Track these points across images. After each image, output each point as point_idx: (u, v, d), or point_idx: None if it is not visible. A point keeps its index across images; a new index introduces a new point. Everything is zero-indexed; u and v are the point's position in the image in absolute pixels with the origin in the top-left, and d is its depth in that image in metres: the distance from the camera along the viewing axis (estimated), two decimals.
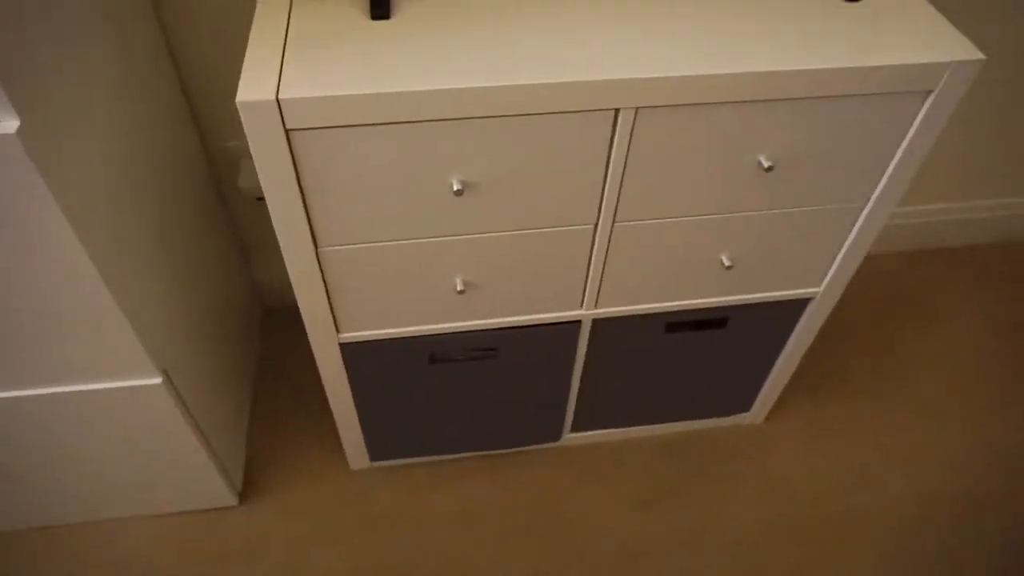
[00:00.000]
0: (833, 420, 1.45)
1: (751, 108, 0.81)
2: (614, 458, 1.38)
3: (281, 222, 0.83)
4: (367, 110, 0.74)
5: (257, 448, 1.37)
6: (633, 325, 1.11)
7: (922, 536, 1.29)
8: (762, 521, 1.30)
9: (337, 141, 0.77)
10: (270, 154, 0.76)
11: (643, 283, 1.03)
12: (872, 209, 0.97)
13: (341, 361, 1.06)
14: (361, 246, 0.89)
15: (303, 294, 0.93)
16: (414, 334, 1.04)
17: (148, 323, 0.94)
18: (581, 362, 1.17)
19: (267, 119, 0.73)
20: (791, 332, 1.20)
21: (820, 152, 0.88)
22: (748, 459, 1.39)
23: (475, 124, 0.78)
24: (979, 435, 1.44)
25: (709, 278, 1.04)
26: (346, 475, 1.34)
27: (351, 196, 0.83)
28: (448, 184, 0.83)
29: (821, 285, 1.09)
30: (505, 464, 1.37)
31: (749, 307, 1.11)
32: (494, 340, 1.08)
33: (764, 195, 0.92)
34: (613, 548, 1.26)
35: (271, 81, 0.73)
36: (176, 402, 1.01)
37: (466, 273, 0.96)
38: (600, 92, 0.76)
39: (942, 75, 0.80)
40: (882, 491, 1.35)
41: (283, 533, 1.26)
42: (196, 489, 1.21)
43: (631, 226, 0.94)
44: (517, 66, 0.76)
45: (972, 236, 1.78)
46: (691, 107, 0.80)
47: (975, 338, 1.61)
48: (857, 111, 0.83)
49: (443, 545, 1.25)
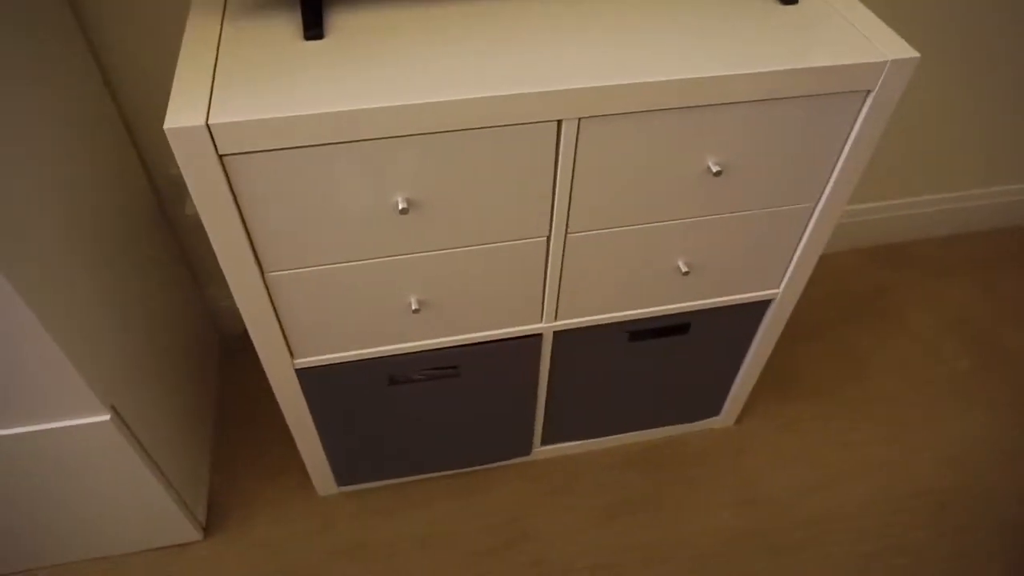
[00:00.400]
0: (802, 421, 1.46)
1: (694, 114, 0.81)
2: (583, 470, 1.37)
3: (222, 249, 0.81)
4: (302, 132, 0.72)
5: (221, 479, 1.34)
6: (596, 336, 1.10)
7: (886, 537, 1.29)
8: (733, 528, 1.30)
9: (273, 164, 0.75)
10: (204, 180, 0.74)
11: (602, 293, 1.02)
12: (823, 208, 0.97)
13: (298, 387, 1.04)
14: (308, 270, 0.87)
15: (252, 321, 0.91)
16: (372, 356, 1.02)
17: (92, 359, 0.91)
18: (546, 375, 1.15)
19: (198, 145, 0.71)
20: (754, 334, 1.19)
21: (767, 154, 0.88)
22: (719, 464, 1.38)
23: (415, 141, 0.76)
24: (942, 433, 1.45)
25: (668, 285, 1.04)
26: (314, 502, 1.31)
27: (293, 219, 0.81)
28: (392, 203, 0.82)
29: (780, 286, 1.09)
30: (475, 482, 1.34)
31: (711, 311, 1.11)
32: (454, 358, 1.06)
33: (715, 199, 0.92)
34: (583, 563, 1.24)
35: (201, 106, 0.71)
36: (127, 438, 0.98)
37: (420, 292, 0.94)
38: (541, 104, 0.75)
39: (879, 74, 0.80)
40: (850, 492, 1.35)
41: (249, 567, 1.22)
42: (157, 525, 1.17)
43: (585, 237, 0.93)
44: (454, 81, 0.75)
45: (920, 231, 1.81)
46: (634, 115, 0.79)
47: (929, 334, 1.62)
48: (800, 112, 0.83)
49: (412, 571, 1.23)
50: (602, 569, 1.24)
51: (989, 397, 1.50)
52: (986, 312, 1.67)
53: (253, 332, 0.92)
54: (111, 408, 0.94)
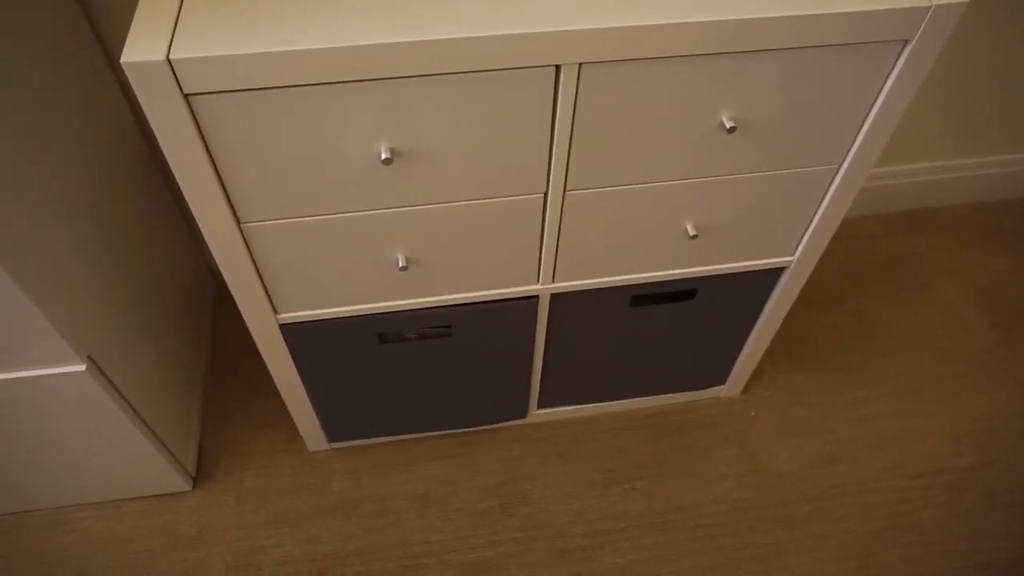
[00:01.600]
0: (811, 392, 1.40)
1: (708, 62, 0.73)
2: (583, 435, 1.33)
3: (194, 197, 0.76)
4: (274, 71, 0.66)
5: (212, 431, 1.32)
6: (595, 299, 1.04)
7: (896, 515, 1.24)
8: (735, 499, 1.26)
9: (245, 106, 0.69)
10: (169, 123, 0.68)
11: (602, 255, 0.96)
12: (847, 171, 0.89)
13: (283, 343, 1.00)
14: (286, 221, 0.82)
15: (231, 274, 0.86)
16: (359, 313, 0.97)
17: (66, 309, 0.87)
18: (542, 338, 1.10)
19: (160, 82, 0.65)
20: (765, 303, 1.13)
21: (788, 110, 0.80)
22: (723, 434, 1.34)
23: (400, 84, 0.70)
24: (957, 407, 1.38)
25: (674, 248, 0.97)
26: (305, 457, 1.29)
27: (269, 167, 0.75)
28: (375, 152, 0.76)
29: (795, 254, 1.02)
30: (470, 443, 1.31)
31: (719, 278, 1.04)
32: (447, 318, 1.01)
33: (729, 158, 0.85)
34: (580, 529, 1.22)
35: (163, 39, 0.65)
36: (106, 389, 0.95)
37: (407, 248, 0.89)
38: (536, 47, 0.68)
39: (920, 22, 0.72)
40: (858, 466, 1.30)
41: (238, 518, 1.21)
42: (145, 475, 1.16)
43: (584, 194, 0.86)
44: (444, 21, 0.68)
45: (952, 197, 1.70)
46: (640, 62, 0.72)
47: (955, 305, 1.54)
48: (827, 64, 0.75)
49: (404, 530, 1.21)
50: (598, 536, 1.21)
51: (1015, 373, 1.43)
52: (1018, 283, 1.58)
53: (232, 286, 0.88)
54: (88, 358, 0.91)
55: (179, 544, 1.18)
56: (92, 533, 1.19)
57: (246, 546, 1.18)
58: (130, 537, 1.19)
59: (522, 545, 1.20)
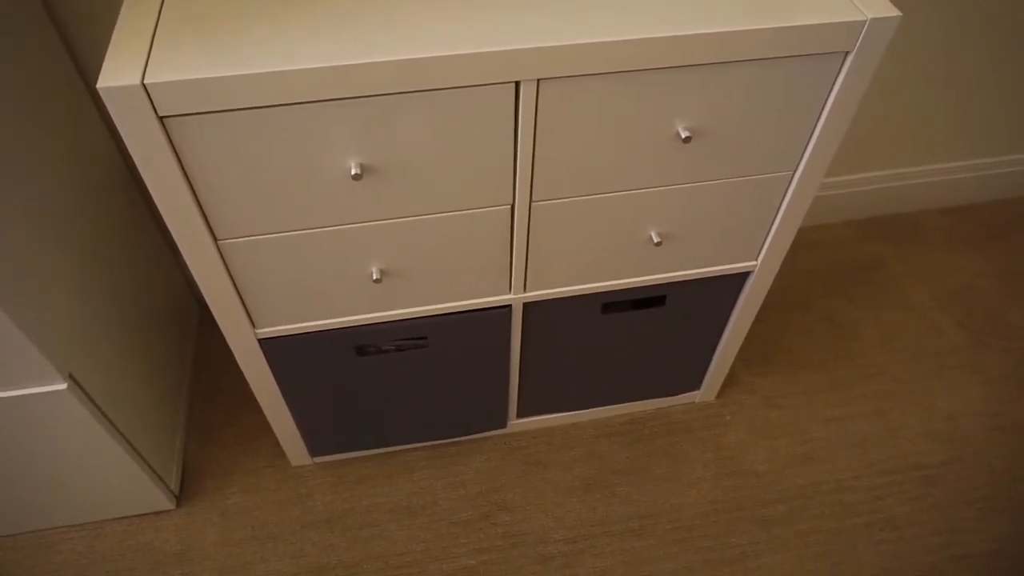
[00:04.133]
0: (786, 395, 1.43)
1: (658, 76, 0.77)
2: (562, 443, 1.35)
3: (171, 216, 0.78)
4: (245, 93, 0.69)
5: (196, 449, 1.33)
6: (567, 307, 1.07)
7: (872, 512, 1.27)
8: (714, 501, 1.28)
9: (218, 127, 0.72)
10: (145, 145, 0.71)
11: (572, 263, 0.99)
12: (801, 177, 0.93)
13: (262, 357, 1.02)
14: (262, 237, 0.84)
15: (208, 290, 0.89)
16: (336, 326, 1.00)
17: (47, 328, 0.89)
18: (518, 347, 1.13)
19: (135, 106, 0.68)
20: (733, 307, 1.16)
21: (740, 120, 0.84)
22: (700, 438, 1.36)
23: (367, 104, 0.73)
24: (928, 405, 1.42)
25: (641, 256, 1.00)
26: (288, 473, 1.30)
27: (243, 185, 0.78)
28: (345, 169, 0.79)
29: (758, 259, 1.06)
30: (451, 454, 1.33)
31: (686, 284, 1.08)
32: (423, 329, 1.04)
33: (686, 167, 0.88)
34: (561, 535, 1.23)
35: (138, 63, 0.68)
36: (87, 407, 0.97)
37: (380, 261, 0.91)
38: (496, 64, 0.72)
39: (857, 34, 0.76)
40: (833, 465, 1.33)
41: (222, 535, 1.22)
42: (128, 494, 1.17)
43: (550, 205, 0.89)
44: (408, 42, 0.71)
45: (919, 202, 1.76)
46: (595, 77, 0.75)
47: (924, 307, 1.58)
48: (774, 75, 0.79)
49: (387, 542, 1.22)
50: (578, 541, 1.23)
51: (984, 371, 1.47)
52: (988, 285, 1.63)
53: (211, 301, 0.90)
54: (69, 377, 0.93)
55: (164, 562, 1.19)
56: (76, 554, 1.19)
57: (231, 563, 1.19)
58: (113, 557, 1.19)
59: (504, 553, 1.22)
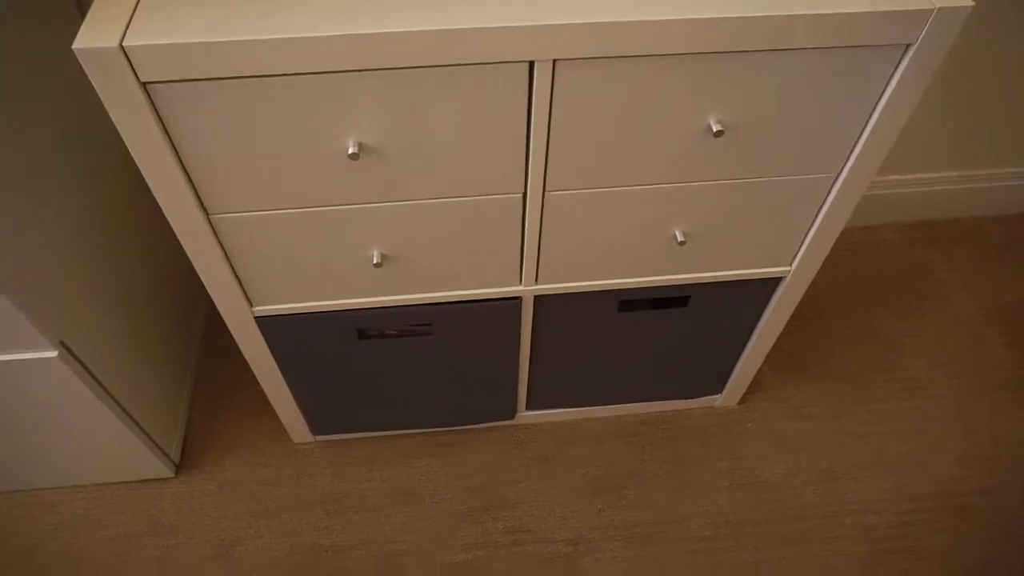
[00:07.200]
0: (814, 405, 1.35)
1: (691, 63, 0.69)
2: (571, 439, 1.30)
3: (158, 188, 0.74)
4: (233, 60, 0.63)
5: (200, 421, 1.31)
6: (581, 303, 1.01)
7: (897, 538, 1.19)
8: (726, 514, 1.22)
9: (205, 96, 0.67)
10: (126, 113, 0.66)
11: (587, 258, 0.92)
12: (846, 180, 0.84)
13: (260, 336, 0.98)
14: (256, 214, 0.80)
15: (202, 266, 0.85)
16: (336, 308, 0.95)
17: (37, 296, 0.86)
18: (527, 340, 1.07)
19: (114, 71, 0.63)
20: (762, 312, 1.08)
21: (780, 115, 0.75)
22: (717, 445, 1.29)
23: (368, 77, 0.67)
24: (969, 427, 1.32)
25: (663, 254, 0.93)
26: (289, 449, 1.28)
27: (234, 159, 0.73)
28: (342, 147, 0.73)
29: (792, 264, 0.98)
30: (455, 442, 1.29)
31: (712, 286, 1.00)
32: (427, 316, 0.99)
33: (717, 164, 0.81)
34: (563, 535, 1.19)
35: (118, 26, 0.63)
36: (79, 375, 0.94)
37: (381, 245, 0.86)
38: (507, 41, 0.65)
39: (922, 25, 0.67)
40: (859, 484, 1.25)
41: (219, 508, 1.21)
42: (127, 460, 1.15)
43: (565, 196, 0.83)
44: (414, 12, 0.65)
45: (973, 208, 1.63)
46: (617, 61, 0.68)
47: (972, 320, 1.47)
48: (821, 67, 0.71)
49: (384, 527, 1.19)
50: (581, 544, 1.18)
51: None
52: None
53: (204, 278, 0.86)
54: (60, 344, 0.90)
55: (158, 531, 1.18)
56: (74, 517, 1.19)
57: (225, 536, 1.18)
58: (111, 522, 1.19)
59: (503, 549, 1.17)
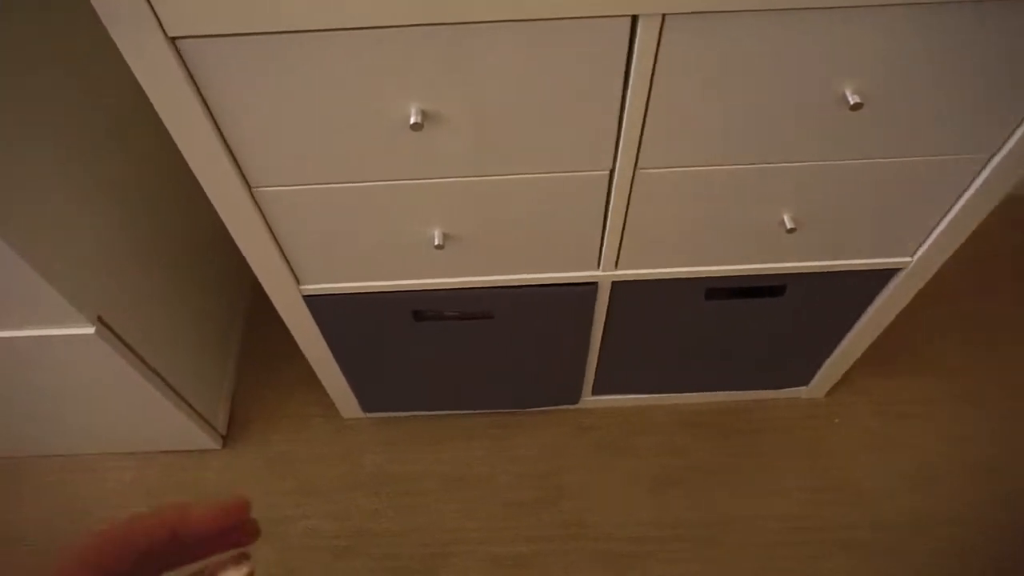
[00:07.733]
0: (907, 402, 1.22)
1: (824, 18, 0.55)
2: (639, 428, 1.20)
3: (193, 157, 0.65)
4: (274, 12, 0.53)
5: (247, 392, 1.26)
6: (664, 290, 0.89)
7: (996, 558, 1.07)
8: (801, 517, 1.11)
9: (243, 54, 0.56)
10: (153, 72, 0.57)
11: (676, 243, 0.81)
12: (1002, 161, 0.70)
13: (308, 314, 0.90)
14: (303, 188, 0.70)
15: (244, 242, 0.76)
16: (390, 289, 0.86)
17: (71, 272, 0.80)
18: (600, 327, 0.97)
19: (138, 23, 0.53)
20: (868, 306, 0.95)
21: (932, 81, 0.61)
22: (798, 440, 1.18)
23: (433, 34, 0.56)
24: None
25: (764, 241, 0.81)
26: (338, 424, 1.21)
27: (278, 127, 0.63)
28: (404, 115, 0.62)
29: (914, 255, 0.84)
30: (515, 424, 1.21)
31: (816, 276, 0.88)
32: (491, 300, 0.89)
33: (848, 140, 0.67)
34: (626, 533, 1.10)
35: None
36: (118, 350, 0.88)
37: (444, 224, 0.76)
38: None
39: None
40: (952, 494, 1.12)
41: (266, 484, 1.16)
42: (172, 431, 1.11)
43: (659, 174, 0.71)
44: None
45: None
46: (735, 15, 0.55)
47: None
48: (982, 23, 0.56)
49: (436, 515, 1.12)
50: (645, 542, 1.10)
51: None
52: None
53: (246, 253, 0.78)
54: (98, 320, 0.84)
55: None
56: (122, 483, 1.16)
57: (272, 515, 1.13)
58: (156, 491, 1.15)
59: (560, 544, 1.10)
